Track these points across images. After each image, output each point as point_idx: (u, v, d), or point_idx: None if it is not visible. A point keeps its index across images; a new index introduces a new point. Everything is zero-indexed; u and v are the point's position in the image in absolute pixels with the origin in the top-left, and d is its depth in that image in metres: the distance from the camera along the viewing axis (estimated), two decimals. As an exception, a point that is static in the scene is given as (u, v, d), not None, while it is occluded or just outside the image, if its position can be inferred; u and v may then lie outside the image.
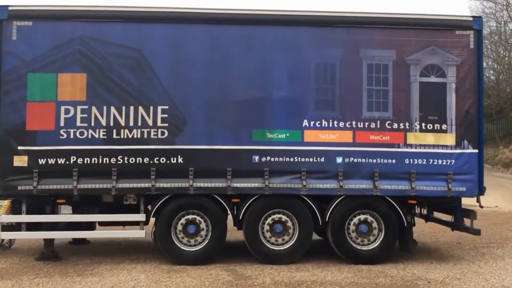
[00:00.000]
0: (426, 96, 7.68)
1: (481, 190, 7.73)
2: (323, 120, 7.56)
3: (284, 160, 7.50)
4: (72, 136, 7.35)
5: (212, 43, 7.53)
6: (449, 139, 7.66)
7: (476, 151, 7.68)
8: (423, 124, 7.65)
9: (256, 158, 7.48)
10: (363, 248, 7.65)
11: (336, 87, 7.63)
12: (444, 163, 7.61)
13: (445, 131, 7.66)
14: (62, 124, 7.35)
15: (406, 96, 7.67)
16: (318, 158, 7.53)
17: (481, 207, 7.94)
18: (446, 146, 7.65)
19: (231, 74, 7.54)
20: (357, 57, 7.62)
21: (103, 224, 8.12)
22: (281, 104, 7.54)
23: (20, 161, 7.31)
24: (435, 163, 7.61)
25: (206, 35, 7.54)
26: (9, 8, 7.36)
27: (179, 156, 7.42)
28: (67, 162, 7.32)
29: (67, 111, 7.37)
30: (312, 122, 7.55)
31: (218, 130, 7.49)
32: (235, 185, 7.45)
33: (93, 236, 8.11)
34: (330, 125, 7.57)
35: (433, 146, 7.64)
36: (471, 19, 7.75)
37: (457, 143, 7.65)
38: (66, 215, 7.61)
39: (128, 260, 7.75)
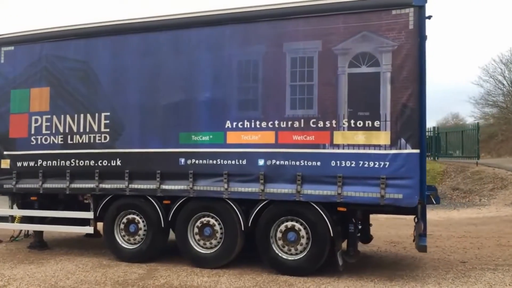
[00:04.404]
0: (356, 89, 6.73)
1: (423, 198, 6.44)
2: (245, 121, 7.22)
3: (207, 162, 7.39)
4: (39, 142, 8.46)
5: (144, 50, 7.84)
6: (383, 137, 6.57)
7: (417, 151, 6.43)
8: (352, 122, 6.71)
9: (182, 160, 7.53)
10: (289, 258, 7.04)
11: (258, 85, 7.20)
12: (376, 166, 6.55)
13: (378, 129, 6.59)
14: (32, 132, 8.53)
15: (333, 90, 6.83)
16: (240, 161, 7.22)
17: (418, 218, 6.57)
18: (379, 146, 6.58)
19: (161, 78, 7.74)
20: (280, 52, 7.08)
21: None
22: (205, 106, 7.45)
23: (5, 164, 8.72)
24: (366, 165, 6.60)
25: (140, 43, 7.89)
26: (-1, 36, 8.86)
27: (118, 159, 7.92)
28: (36, 165, 8.45)
29: (36, 121, 8.51)
30: (234, 123, 7.27)
31: (150, 134, 7.76)
32: (163, 187, 7.63)
33: (47, 229, 8.98)
34: (252, 126, 7.18)
35: (364, 146, 6.65)
36: (410, -6, 6.51)
37: (392, 142, 6.52)
38: (18, 210, 8.73)
39: (92, 253, 8.56)
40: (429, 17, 7.40)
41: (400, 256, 8.45)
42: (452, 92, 62.86)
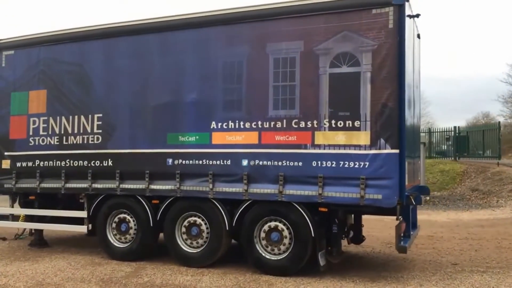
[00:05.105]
0: (337, 89, 6.71)
1: (402, 198, 6.36)
2: (230, 121, 7.28)
3: (194, 163, 7.49)
4: (37, 143, 8.73)
5: (134, 53, 8.00)
6: (363, 137, 6.53)
7: (396, 151, 6.38)
8: (333, 122, 6.70)
9: (170, 161, 7.65)
10: (272, 258, 7.08)
11: (242, 86, 7.26)
12: (356, 166, 6.53)
13: (358, 129, 6.56)
14: (31, 133, 8.80)
15: (314, 91, 6.83)
16: (225, 161, 7.29)
17: (397, 219, 6.49)
18: (359, 146, 6.55)
19: (150, 80, 7.88)
20: (263, 53, 7.12)
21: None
22: (192, 107, 7.55)
23: (6, 164, 9.01)
24: (346, 165, 6.58)
25: (129, 46, 8.05)
26: (0, 41, 9.15)
27: (109, 160, 8.10)
28: (33, 165, 8.71)
29: (34, 122, 8.78)
30: (219, 124, 7.35)
31: (139, 135, 7.91)
32: (152, 187, 7.77)
33: (44, 228, 9.24)
34: (237, 126, 7.24)
35: (344, 146, 6.63)
36: (390, -7, 6.45)
37: (372, 142, 6.48)
38: (17, 209, 9.05)
39: (87, 252, 8.76)
40: (417, 16, 7.37)
41: (391, 257, 8.37)
42: (483, 90, 61.70)
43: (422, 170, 18.92)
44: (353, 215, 8.01)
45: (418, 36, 8.36)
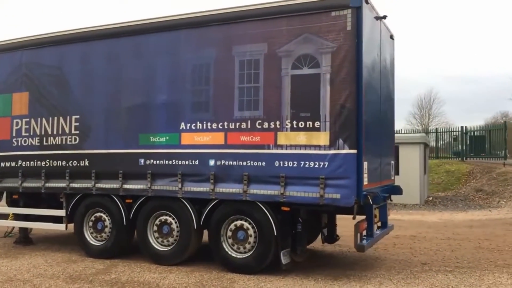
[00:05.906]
0: (298, 90, 6.82)
1: (359, 198, 6.43)
2: (198, 122, 7.45)
3: (164, 163, 7.67)
4: (19, 143, 9.01)
5: (108, 56, 8.21)
6: (322, 138, 6.63)
7: (354, 151, 6.46)
8: (295, 122, 6.80)
9: (142, 161, 7.84)
10: (238, 256, 7.21)
11: (210, 88, 7.42)
12: (316, 166, 6.62)
13: (318, 129, 6.66)
14: (14, 134, 9.08)
15: (277, 92, 6.94)
16: (193, 161, 7.45)
17: (353, 218, 6.55)
18: (318, 147, 6.65)
19: (123, 82, 8.08)
20: (229, 55, 7.26)
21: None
22: (162, 108, 7.72)
23: (-11, 164, 9.31)
24: (307, 165, 6.68)
25: (105, 49, 8.27)
26: (-14, 45, 9.47)
27: (85, 160, 8.33)
28: (16, 165, 9.00)
29: (17, 124, 9.06)
30: (188, 125, 7.51)
31: (113, 135, 8.12)
32: (125, 186, 7.97)
33: (23, 226, 9.50)
34: (204, 127, 7.40)
35: (305, 146, 6.73)
36: (348, -5, 6.53)
37: (331, 142, 6.57)
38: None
39: (69, 249, 9.00)
40: (384, 17, 7.46)
41: (364, 257, 8.39)
42: (506, 89, 60.93)
43: (420, 171, 18.79)
44: (327, 215, 8.13)
45: (391, 37, 8.41)
